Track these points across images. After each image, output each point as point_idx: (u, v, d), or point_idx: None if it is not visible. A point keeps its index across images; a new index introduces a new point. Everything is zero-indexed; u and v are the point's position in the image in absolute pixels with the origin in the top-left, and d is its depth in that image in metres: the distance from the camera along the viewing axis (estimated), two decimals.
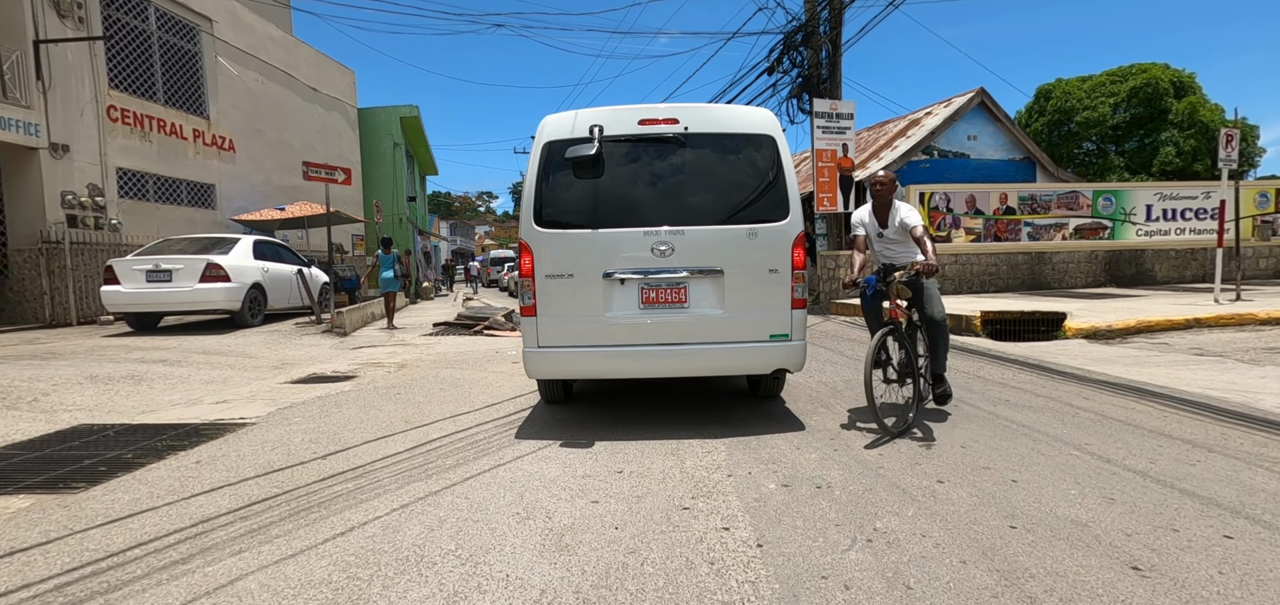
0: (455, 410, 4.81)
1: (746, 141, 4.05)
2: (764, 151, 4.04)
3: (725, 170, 4.04)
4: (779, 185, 3.99)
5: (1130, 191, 14.57)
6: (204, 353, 7.69)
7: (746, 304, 3.95)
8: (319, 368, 7.05)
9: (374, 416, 4.64)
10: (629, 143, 4.04)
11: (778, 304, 3.96)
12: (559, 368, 4.10)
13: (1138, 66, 24.38)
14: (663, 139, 4.02)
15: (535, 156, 4.05)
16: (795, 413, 4.44)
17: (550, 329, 3.98)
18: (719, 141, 4.04)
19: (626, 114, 4.05)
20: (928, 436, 3.76)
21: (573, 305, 3.96)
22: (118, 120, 12.17)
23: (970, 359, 6.64)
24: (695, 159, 4.03)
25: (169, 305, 8.98)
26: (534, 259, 3.96)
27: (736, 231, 3.94)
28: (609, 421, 4.30)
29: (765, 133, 4.07)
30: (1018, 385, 5.21)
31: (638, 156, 4.07)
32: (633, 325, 3.96)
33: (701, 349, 3.98)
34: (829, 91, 14.07)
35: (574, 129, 4.00)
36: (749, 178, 4.03)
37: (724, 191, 4.01)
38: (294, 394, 5.56)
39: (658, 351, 3.98)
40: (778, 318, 3.97)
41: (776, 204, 3.98)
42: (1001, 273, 14.02)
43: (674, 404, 4.76)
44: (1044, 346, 7.87)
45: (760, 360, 4.03)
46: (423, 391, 5.56)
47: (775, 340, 3.99)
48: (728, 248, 3.93)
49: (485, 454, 3.64)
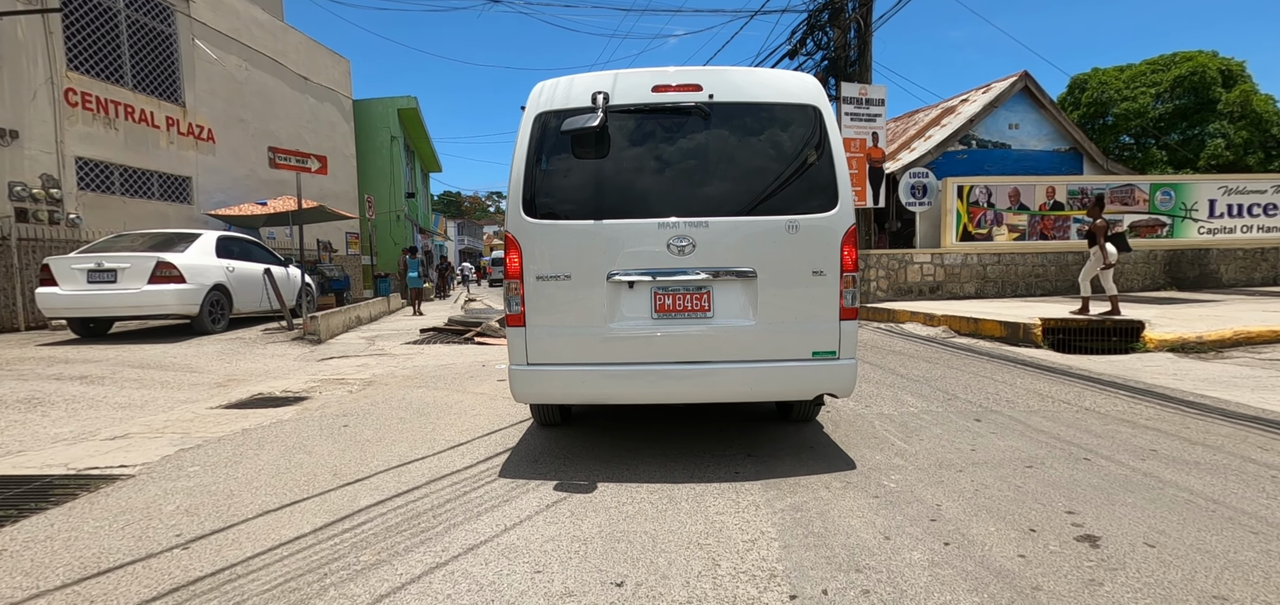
0: (409, 453, 3.65)
1: (786, 112, 3.27)
2: (807, 126, 3.25)
3: (759, 148, 3.27)
4: (826, 167, 3.21)
5: (1191, 185, 13.21)
6: (141, 366, 6.59)
7: (785, 314, 3.19)
8: (268, 386, 5.93)
9: (298, 465, 3.48)
10: (640, 114, 3.27)
11: (823, 314, 3.18)
12: (552, 391, 3.30)
13: (1182, 54, 22.84)
14: (682, 109, 3.25)
15: (525, 130, 3.29)
16: (838, 443, 3.24)
17: (542, 343, 3.24)
18: (751, 113, 3.28)
19: (637, 78, 3.29)
20: (1086, 530, 2.54)
21: (570, 314, 3.22)
22: (77, 105, 11.11)
23: (1049, 378, 5.40)
24: (722, 135, 3.26)
25: (112, 309, 7.89)
26: (522, 257, 3.22)
27: (773, 224, 3.17)
28: (611, 456, 3.11)
29: (810, 103, 3.27)
30: (1146, 423, 3.96)
31: (651, 131, 3.29)
32: (643, 339, 3.20)
33: (728, 369, 3.19)
34: (858, 75, 12.82)
35: (572, 97, 3.27)
36: (788, 158, 3.26)
37: (757, 175, 3.25)
38: (218, 425, 4.42)
39: (674, 372, 3.19)
40: (823, 331, 3.18)
41: (822, 190, 3.20)
42: (1049, 274, 12.71)
43: (688, 429, 3.57)
44: (1126, 362, 6.62)
45: (801, 384, 3.23)
46: (377, 422, 4.40)
47: (819, 358, 3.18)
48: (762, 244, 3.17)
49: (425, 540, 2.47)
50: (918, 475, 3.09)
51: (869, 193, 12.85)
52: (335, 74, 18.85)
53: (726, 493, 2.92)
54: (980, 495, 2.80)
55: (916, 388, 5.16)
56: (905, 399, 4.77)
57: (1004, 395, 4.83)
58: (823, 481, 3.03)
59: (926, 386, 5.20)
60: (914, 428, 3.95)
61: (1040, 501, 2.71)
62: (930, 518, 2.58)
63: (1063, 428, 3.86)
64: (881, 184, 12.92)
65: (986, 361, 6.57)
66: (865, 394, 4.95)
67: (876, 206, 13.01)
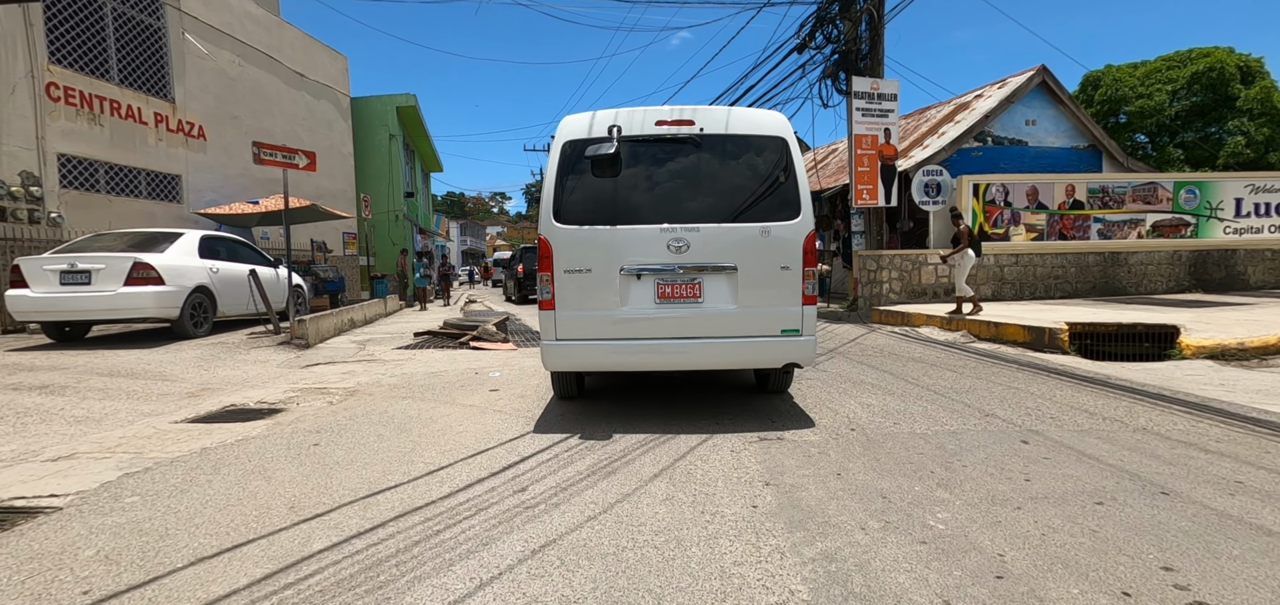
0: (381, 478, 3.21)
1: (759, 143, 4.10)
2: (776, 153, 4.08)
3: (738, 170, 4.08)
4: (790, 186, 4.04)
5: (1217, 183, 12.70)
6: (109, 374, 6.17)
7: (759, 300, 3.98)
8: (244, 396, 5.50)
9: (253, 495, 3.04)
10: (646, 143, 4.08)
11: (789, 300, 4.00)
12: (576, 360, 4.09)
13: (1198, 51, 22.24)
14: (678, 140, 4.07)
15: (554, 155, 4.07)
16: (871, 478, 2.78)
17: (568, 323, 4.01)
18: (732, 143, 4.09)
19: (643, 115, 4.10)
20: (1195, 597, 2.08)
21: (590, 299, 3.98)
22: (60, 100, 10.70)
23: (1090, 390, 4.93)
24: (709, 160, 4.07)
25: (86, 313, 7.47)
26: (553, 255, 3.98)
27: (749, 229, 3.97)
28: (609, 496, 2.67)
29: (777, 134, 4.12)
30: (1218, 448, 3.50)
31: (654, 156, 4.11)
32: (648, 319, 3.99)
33: (715, 343, 3.99)
34: (869, 69, 12.35)
35: (592, 129, 4.06)
36: (761, 178, 4.07)
37: (737, 191, 4.04)
38: (177, 443, 3.99)
39: (672, 345, 3.99)
40: (789, 313, 4.00)
41: (788, 204, 4.03)
42: (1069, 276, 12.21)
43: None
44: (1163, 370, 6.17)
45: (772, 354, 4.04)
46: (352, 440, 3.97)
47: (786, 335, 4.01)
48: (741, 245, 3.96)
49: (382, 601, 2.02)
50: (968, 513, 2.63)
51: (881, 191, 12.38)
52: (332, 71, 18.46)
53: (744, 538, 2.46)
54: (1049, 542, 2.35)
55: (947, 403, 4.70)
56: (938, 415, 4.31)
57: (1045, 411, 4.37)
58: (858, 522, 2.58)
59: (958, 401, 4.75)
60: (953, 451, 3.49)
61: (1126, 553, 2.25)
62: (996, 574, 2.12)
63: (1124, 453, 3.40)
64: (893, 182, 12.45)
65: (1016, 370, 6.11)
66: (892, 409, 4.50)
67: (888, 205, 12.54)
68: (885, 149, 12.34)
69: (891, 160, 12.41)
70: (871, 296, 11.90)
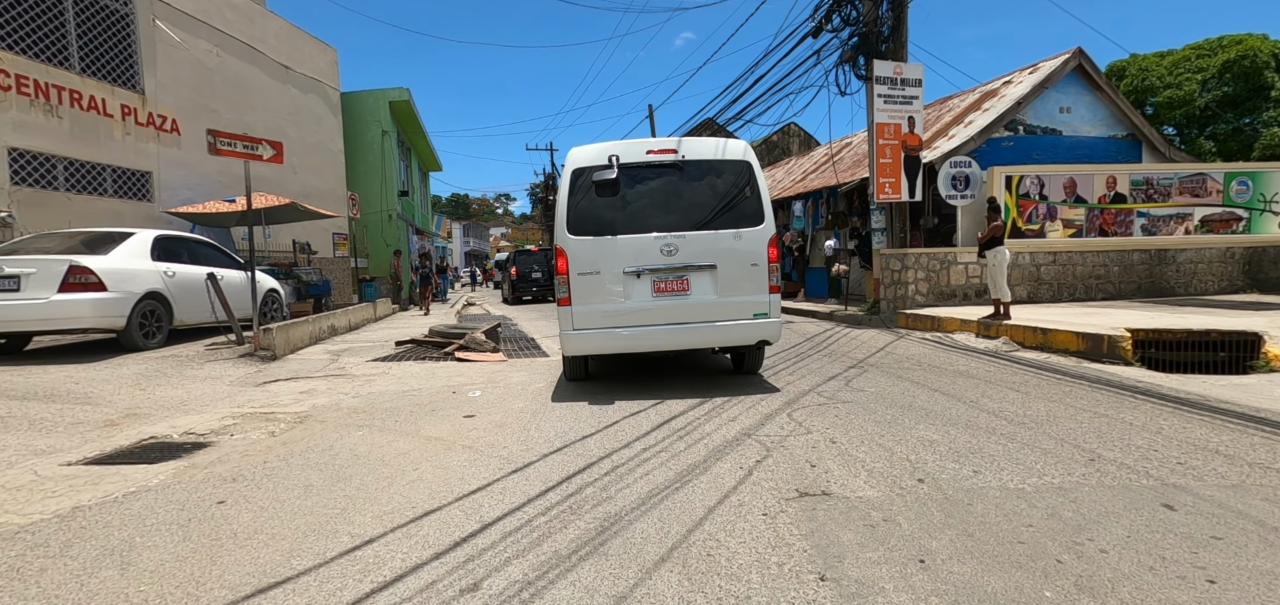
0: (281, 565, 2.30)
1: (728, 167, 5.21)
2: (742, 174, 5.22)
3: (713, 188, 5.15)
4: (754, 199, 5.17)
5: (1272, 174, 11.68)
6: (20, 398, 5.29)
7: (735, 290, 5.05)
8: (171, 425, 4.61)
9: (91, 597, 2.13)
10: (639, 168, 5.14)
11: (759, 290, 5.09)
12: (589, 345, 5.06)
13: (1230, 38, 21.14)
14: (665, 165, 5.14)
15: (565, 181, 5.12)
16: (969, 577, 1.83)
17: (582, 315, 5.01)
18: (708, 167, 5.18)
19: (637, 146, 5.22)
20: None
21: (599, 295, 5.00)
22: (10, 89, 9.83)
23: (1198, 419, 3.94)
24: (690, 181, 5.15)
25: (14, 324, 6.56)
26: (568, 261, 4.99)
27: (725, 235, 5.05)
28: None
29: (742, 159, 5.26)
30: None
31: (646, 179, 5.15)
32: (647, 309, 5.01)
33: (701, 326, 5.04)
34: (892, 52, 11.36)
35: (596, 158, 5.12)
36: (731, 194, 5.16)
37: (712, 205, 5.12)
38: (47, 498, 3.09)
39: (667, 330, 5.03)
40: (759, 300, 5.09)
41: (754, 213, 5.15)
42: (1112, 275, 11.22)
43: None
44: (1256, 386, 5.24)
45: (746, 334, 5.12)
46: (269, 496, 3.05)
47: (758, 318, 5.09)
48: (718, 248, 5.04)
49: None
50: None
51: (904, 185, 11.38)
52: (321, 64, 17.59)
53: None
54: None
55: (1030, 438, 3.73)
56: (1027, 459, 3.34)
57: (1164, 453, 3.41)
58: None
59: (1042, 435, 3.78)
60: (1075, 523, 2.53)
61: None
62: None
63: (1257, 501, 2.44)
64: (918, 175, 11.46)
65: (1088, 388, 5.15)
66: (963, 448, 3.54)
67: (913, 199, 11.55)
68: (909, 139, 11.35)
69: (916, 151, 11.43)
70: (896, 299, 10.92)
